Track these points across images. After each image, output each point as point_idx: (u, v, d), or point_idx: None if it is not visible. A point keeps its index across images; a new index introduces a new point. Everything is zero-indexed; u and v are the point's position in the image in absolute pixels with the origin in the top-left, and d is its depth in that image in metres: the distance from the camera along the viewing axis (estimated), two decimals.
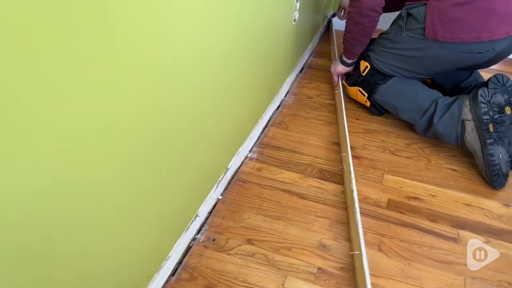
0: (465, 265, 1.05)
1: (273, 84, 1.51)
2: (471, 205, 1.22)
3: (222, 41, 0.93)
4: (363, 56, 1.53)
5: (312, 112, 1.61)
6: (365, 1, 1.34)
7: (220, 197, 1.20)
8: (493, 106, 1.26)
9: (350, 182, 1.20)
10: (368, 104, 1.57)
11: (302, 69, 1.89)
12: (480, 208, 1.21)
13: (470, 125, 1.28)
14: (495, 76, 1.31)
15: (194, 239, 1.08)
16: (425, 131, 1.42)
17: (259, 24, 1.18)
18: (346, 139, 1.37)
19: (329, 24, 2.29)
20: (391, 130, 1.53)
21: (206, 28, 0.83)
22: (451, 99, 1.36)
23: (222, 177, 1.20)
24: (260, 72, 1.30)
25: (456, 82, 1.52)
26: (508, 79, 1.30)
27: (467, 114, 1.29)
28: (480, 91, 1.27)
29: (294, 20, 1.54)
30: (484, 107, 1.25)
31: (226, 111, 1.10)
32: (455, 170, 1.35)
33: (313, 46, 2.03)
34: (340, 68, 1.63)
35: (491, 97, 1.26)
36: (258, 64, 1.27)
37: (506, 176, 1.25)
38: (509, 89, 1.28)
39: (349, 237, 1.10)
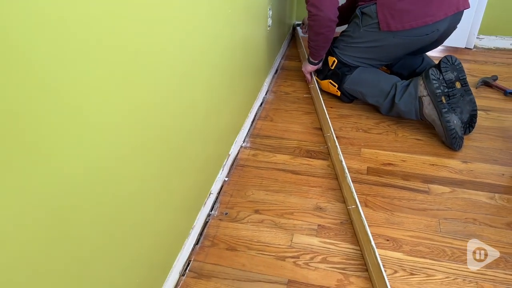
0: (437, 210, 1.27)
1: (256, 83, 1.71)
2: (436, 165, 1.45)
3: (217, 46, 1.13)
4: (330, 53, 1.76)
5: (292, 105, 1.82)
6: (323, 14, 1.59)
7: (226, 179, 1.37)
8: (443, 82, 1.51)
9: (338, 154, 1.41)
10: (339, 93, 1.79)
11: (277, 71, 2.10)
12: (444, 166, 1.45)
13: (426, 100, 1.52)
14: (445, 57, 1.57)
15: (209, 215, 1.25)
16: (388, 111, 1.66)
17: (244, 30, 1.38)
18: (328, 122, 1.58)
19: (294, 30, 2.53)
20: (361, 113, 1.76)
21: (202, 36, 1.02)
22: (407, 81, 1.61)
23: (225, 162, 1.37)
24: (247, 72, 1.50)
25: (412, 69, 1.79)
26: (456, 59, 1.57)
27: (422, 91, 1.53)
28: (430, 71, 1.51)
29: (269, 26, 1.75)
30: (436, 83, 1.50)
31: (224, 106, 1.28)
32: (419, 140, 1.59)
33: (283, 50, 2.26)
34: (310, 67, 1.87)
35: (441, 75, 1.51)
36: (246, 66, 1.47)
37: (462, 138, 1.50)
38: (457, 67, 1.54)
39: (342, 198, 1.30)
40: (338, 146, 1.44)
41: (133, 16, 0.66)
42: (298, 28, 2.56)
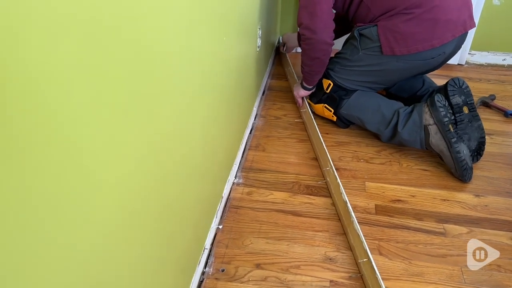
0: (458, 255, 1.14)
1: (246, 109, 1.55)
2: (448, 200, 1.33)
3: (213, 79, 0.96)
4: (325, 75, 1.62)
5: (284, 131, 1.67)
6: (317, 37, 1.44)
7: (220, 227, 1.20)
8: (449, 108, 1.39)
9: (341, 194, 1.26)
10: (334, 118, 1.65)
11: (264, 91, 1.95)
12: (456, 201, 1.33)
13: (433, 129, 1.40)
14: (452, 79, 1.46)
15: (203, 273, 1.07)
16: (390, 139, 1.53)
17: (237, 57, 1.22)
18: (326, 154, 1.44)
19: (278, 48, 2.38)
20: (360, 140, 1.62)
21: (198, 74, 0.86)
22: (410, 108, 1.49)
23: (219, 207, 1.20)
24: (238, 98, 1.34)
25: (413, 92, 1.66)
26: (464, 82, 1.46)
27: (428, 119, 1.41)
28: (436, 97, 1.39)
29: (258, 47, 1.60)
30: (443, 111, 1.38)
31: (220, 140, 1.12)
32: (425, 170, 1.47)
33: (269, 69, 2.11)
34: (302, 92, 1.71)
35: (447, 100, 1.40)
36: (237, 92, 1.30)
37: (472, 169, 1.39)
38: (465, 90, 1.43)
39: (350, 246, 1.15)
40: (340, 184, 1.29)
41: (138, 57, 0.49)
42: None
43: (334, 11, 1.49)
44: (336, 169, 1.45)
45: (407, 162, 1.50)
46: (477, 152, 1.46)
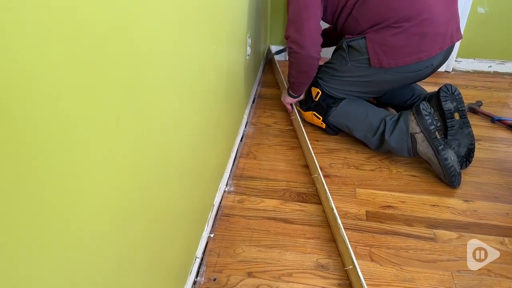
0: (448, 260, 1.15)
1: (237, 117, 1.55)
2: (437, 205, 1.34)
3: (203, 87, 0.96)
4: (314, 83, 1.63)
5: (274, 139, 1.67)
6: (305, 52, 1.45)
7: (211, 235, 1.19)
8: (435, 115, 1.41)
9: (328, 200, 1.27)
10: (324, 126, 1.66)
11: (254, 99, 1.95)
12: (445, 207, 1.34)
13: (420, 137, 1.41)
14: (445, 86, 1.49)
15: (194, 282, 1.06)
16: (378, 147, 1.54)
17: (227, 65, 1.23)
18: (314, 161, 1.44)
19: (268, 55, 2.40)
20: (349, 147, 1.63)
21: (187, 87, 0.86)
22: (396, 115, 1.50)
23: (210, 215, 1.20)
24: (229, 107, 1.34)
25: (404, 100, 1.68)
26: (456, 88, 1.48)
27: (414, 128, 1.42)
28: (421, 105, 1.40)
29: (248, 55, 1.60)
30: (428, 119, 1.39)
31: (210, 149, 1.11)
32: (414, 176, 1.48)
33: (259, 76, 2.12)
34: (289, 99, 1.74)
35: (438, 106, 1.42)
36: (227, 100, 1.31)
37: (460, 174, 1.40)
38: (457, 97, 1.46)
39: (340, 253, 1.16)
40: (327, 190, 1.30)
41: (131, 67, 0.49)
42: (273, 49, 2.43)
43: (323, 26, 1.50)
44: (326, 176, 1.46)
45: (396, 168, 1.52)
46: (466, 158, 1.48)
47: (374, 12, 1.39)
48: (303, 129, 1.62)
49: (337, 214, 1.21)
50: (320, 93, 1.61)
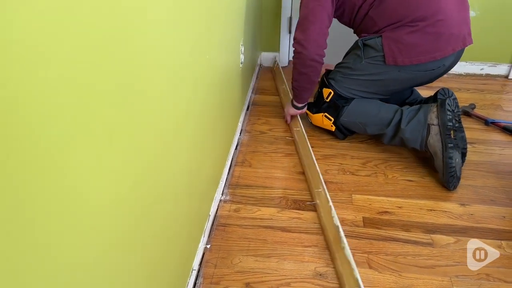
0: (446, 266, 1.14)
1: (231, 125, 1.55)
2: (434, 210, 1.34)
3: (198, 97, 0.96)
4: (325, 84, 1.63)
5: (270, 146, 1.67)
6: (306, 53, 1.50)
7: (208, 246, 1.18)
8: (456, 116, 1.42)
9: (331, 216, 1.24)
10: (333, 128, 1.66)
11: (248, 107, 1.95)
12: (442, 211, 1.34)
13: (434, 129, 1.42)
14: (442, 89, 1.51)
15: None
16: (391, 139, 1.54)
17: (222, 72, 1.22)
18: (319, 176, 1.41)
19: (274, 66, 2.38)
20: (345, 152, 1.63)
21: (189, 86, 0.85)
22: (416, 107, 1.51)
23: (206, 225, 1.19)
24: (223, 115, 1.33)
25: (402, 100, 1.69)
26: (452, 93, 1.51)
27: (433, 119, 1.43)
28: (447, 100, 1.43)
29: (241, 63, 1.60)
30: (449, 115, 1.41)
31: (206, 159, 1.11)
32: (410, 181, 1.48)
33: (253, 84, 2.12)
34: (292, 111, 1.73)
35: (456, 107, 1.43)
36: (222, 109, 1.30)
37: (459, 179, 1.40)
38: (454, 101, 1.47)
39: (338, 275, 1.13)
40: (332, 208, 1.27)
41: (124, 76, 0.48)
42: (277, 58, 2.41)
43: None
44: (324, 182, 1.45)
45: (392, 173, 1.51)
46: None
47: (390, 11, 1.42)
48: (308, 142, 1.60)
49: (342, 233, 1.17)
50: (332, 93, 1.61)
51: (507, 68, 2.22)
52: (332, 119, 1.63)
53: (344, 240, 1.16)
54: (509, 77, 2.23)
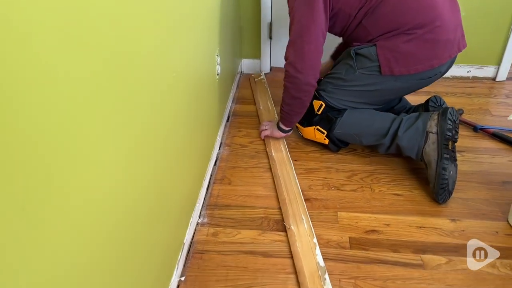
0: None
1: (210, 140, 1.46)
2: (423, 227, 1.27)
3: (165, 109, 0.87)
4: (315, 96, 1.54)
5: (250, 160, 1.58)
6: (302, 77, 1.38)
7: (182, 278, 1.09)
8: (456, 127, 1.35)
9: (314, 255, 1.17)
10: (327, 141, 1.57)
11: (228, 118, 1.86)
12: (432, 228, 1.27)
13: (432, 138, 1.36)
14: (434, 97, 1.47)
15: None
16: (388, 149, 1.47)
17: (195, 85, 1.13)
18: (306, 212, 1.30)
19: (242, 72, 2.30)
20: (330, 165, 1.55)
21: (153, 109, 0.77)
22: (415, 114, 1.44)
23: (180, 255, 1.10)
24: (200, 129, 1.25)
25: (390, 107, 1.62)
26: (444, 101, 1.48)
27: (432, 127, 1.36)
28: (450, 109, 1.36)
29: (218, 74, 1.51)
30: (450, 124, 1.34)
31: (174, 179, 1.02)
32: (398, 195, 1.41)
33: (233, 93, 2.03)
34: (278, 134, 1.63)
35: (458, 119, 1.37)
36: (198, 124, 1.21)
37: (450, 193, 1.34)
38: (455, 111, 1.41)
39: None
40: (317, 245, 1.17)
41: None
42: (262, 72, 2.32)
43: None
44: (306, 199, 1.38)
45: (379, 187, 1.44)
46: None
47: (386, 20, 1.34)
48: (294, 172, 1.49)
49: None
50: (324, 105, 1.52)
51: (494, 70, 2.17)
52: (325, 132, 1.55)
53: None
54: (496, 79, 2.18)
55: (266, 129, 1.66)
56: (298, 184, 1.42)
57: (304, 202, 1.34)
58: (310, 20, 1.34)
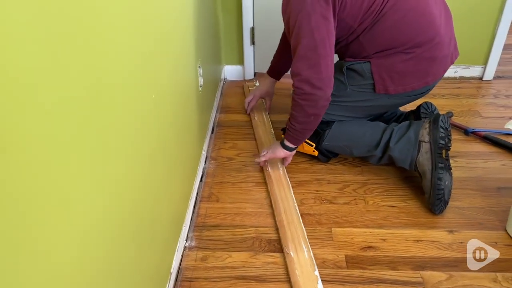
0: None
1: (194, 154, 1.39)
2: (421, 241, 1.22)
3: (145, 129, 0.80)
4: None
5: (238, 175, 1.52)
6: (321, 94, 1.24)
7: None
8: (448, 135, 1.31)
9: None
10: (316, 153, 1.52)
11: (213, 129, 1.79)
12: (430, 241, 1.22)
13: (425, 147, 1.31)
14: (425, 103, 1.45)
15: None
16: (379, 160, 1.43)
17: (177, 104, 1.06)
18: (304, 234, 1.21)
19: (225, 79, 2.23)
20: (320, 177, 1.50)
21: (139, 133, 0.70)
22: (406, 123, 1.39)
23: (168, 285, 1.02)
24: (184, 145, 1.18)
25: (379, 115, 1.56)
26: (435, 107, 1.46)
27: (424, 136, 1.32)
28: (441, 117, 1.32)
29: (200, 86, 1.44)
30: (442, 132, 1.30)
31: (160, 203, 0.95)
32: (392, 206, 1.36)
33: (217, 102, 1.96)
34: (283, 153, 1.44)
35: (449, 126, 1.33)
36: (181, 142, 1.14)
37: (446, 203, 1.29)
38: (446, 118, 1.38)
39: None
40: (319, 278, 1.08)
41: None
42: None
43: None
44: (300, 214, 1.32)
45: (372, 198, 1.39)
46: None
47: (384, 37, 1.27)
48: (294, 198, 1.37)
49: None
50: None
51: (481, 69, 2.15)
52: (314, 144, 1.49)
53: None
54: (483, 79, 2.15)
55: (265, 154, 1.48)
56: (296, 206, 1.32)
57: (303, 226, 1.24)
58: (325, 34, 1.21)
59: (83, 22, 0.53)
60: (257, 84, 2.14)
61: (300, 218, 1.28)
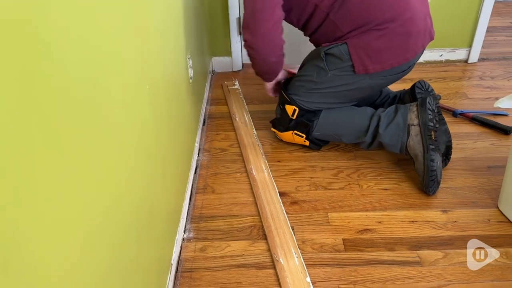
0: (438, 286, 1.05)
1: (187, 147, 1.38)
2: (416, 221, 1.24)
3: (141, 122, 0.79)
4: (288, 101, 1.47)
5: (232, 165, 1.52)
6: (262, 57, 1.42)
7: None
8: (436, 115, 1.33)
9: None
10: (307, 143, 1.53)
11: (204, 121, 1.78)
12: (425, 221, 1.24)
13: (415, 130, 1.32)
14: (419, 82, 1.46)
15: None
16: (370, 145, 1.44)
17: (168, 94, 1.06)
18: (294, 240, 1.16)
19: (214, 71, 2.21)
20: (314, 164, 1.51)
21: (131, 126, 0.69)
22: (393, 107, 1.40)
23: (169, 278, 1.02)
24: (176, 138, 1.17)
25: (372, 101, 1.58)
26: (429, 85, 1.46)
27: (413, 119, 1.33)
28: (428, 99, 1.33)
29: (191, 78, 1.43)
30: (430, 114, 1.31)
31: (158, 197, 0.94)
32: (386, 189, 1.37)
33: (207, 94, 1.95)
34: (270, 85, 1.62)
35: (436, 107, 1.34)
36: (175, 135, 1.14)
37: (439, 183, 1.31)
38: (431, 93, 1.42)
39: None
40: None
41: None
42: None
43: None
44: (294, 202, 1.33)
45: (366, 182, 1.41)
46: (446, 156, 1.42)
47: (354, 14, 1.28)
48: (279, 197, 1.34)
49: None
50: (298, 110, 1.46)
51: (466, 52, 2.17)
52: (304, 135, 1.50)
53: None
54: (469, 61, 2.18)
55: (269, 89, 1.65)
56: (283, 209, 1.29)
57: (291, 230, 1.20)
58: None
59: (78, 17, 0.52)
60: (237, 84, 2.09)
61: (289, 222, 1.23)
